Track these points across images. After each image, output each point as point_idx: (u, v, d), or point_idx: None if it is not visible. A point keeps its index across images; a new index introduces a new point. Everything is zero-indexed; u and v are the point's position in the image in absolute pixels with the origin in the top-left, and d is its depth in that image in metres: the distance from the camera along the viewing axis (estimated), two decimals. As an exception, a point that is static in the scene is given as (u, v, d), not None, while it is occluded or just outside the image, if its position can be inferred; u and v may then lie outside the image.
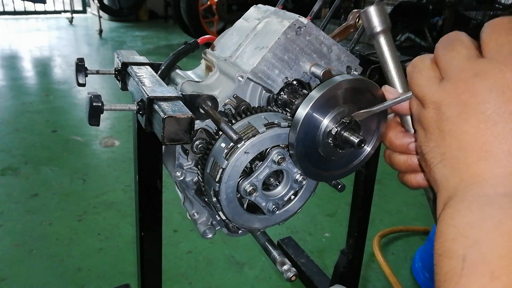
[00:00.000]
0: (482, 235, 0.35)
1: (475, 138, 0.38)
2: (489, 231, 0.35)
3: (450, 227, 0.37)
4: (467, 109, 0.39)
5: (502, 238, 0.34)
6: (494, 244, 0.34)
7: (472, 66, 0.40)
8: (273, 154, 0.62)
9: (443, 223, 0.38)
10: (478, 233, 0.35)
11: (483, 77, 0.38)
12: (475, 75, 0.39)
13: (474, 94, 0.39)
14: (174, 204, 1.98)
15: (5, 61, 4.75)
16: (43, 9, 7.62)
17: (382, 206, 2.24)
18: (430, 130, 0.43)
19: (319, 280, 1.53)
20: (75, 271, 1.67)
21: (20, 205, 2.09)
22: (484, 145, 0.38)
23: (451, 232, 0.37)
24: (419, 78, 0.44)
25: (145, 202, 0.75)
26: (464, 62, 0.41)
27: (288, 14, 0.68)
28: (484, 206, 0.36)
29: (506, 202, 0.36)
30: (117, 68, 0.78)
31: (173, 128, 0.53)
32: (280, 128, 0.62)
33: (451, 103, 0.40)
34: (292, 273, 0.65)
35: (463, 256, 0.35)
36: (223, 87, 0.68)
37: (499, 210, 0.35)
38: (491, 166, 0.38)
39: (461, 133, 0.39)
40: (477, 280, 0.34)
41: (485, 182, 0.38)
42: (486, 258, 0.34)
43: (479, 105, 0.38)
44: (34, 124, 3.06)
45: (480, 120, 0.38)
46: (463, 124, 0.39)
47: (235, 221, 0.67)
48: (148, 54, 5.23)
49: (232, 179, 0.61)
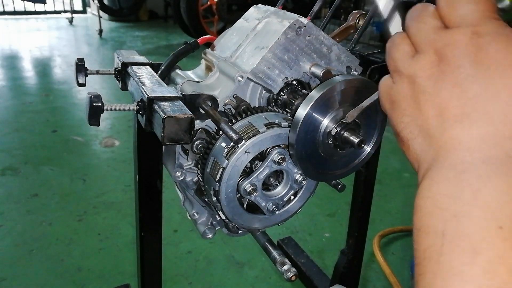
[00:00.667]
0: (461, 207, 0.34)
1: (451, 102, 0.38)
2: (467, 203, 0.34)
3: (427, 199, 0.36)
4: (441, 77, 0.39)
5: (481, 209, 0.33)
6: (473, 217, 0.33)
7: (441, 38, 0.40)
8: (274, 154, 0.62)
9: (420, 196, 0.37)
10: (456, 205, 0.34)
11: (453, 46, 0.38)
12: (446, 46, 0.39)
13: (447, 63, 0.39)
14: (174, 204, 1.98)
15: (5, 61, 4.75)
16: (43, 9, 7.62)
17: (382, 206, 2.24)
18: (404, 105, 0.43)
19: (319, 280, 1.53)
20: (75, 271, 1.67)
21: (20, 205, 2.09)
22: (460, 108, 0.37)
23: (428, 205, 0.36)
24: (395, 53, 0.44)
25: (145, 202, 0.75)
26: (432, 34, 0.41)
27: (288, 14, 0.68)
28: (462, 174, 0.35)
29: (484, 169, 0.35)
30: (117, 68, 0.78)
31: (173, 128, 0.53)
32: (280, 128, 0.62)
33: (425, 75, 0.40)
34: (292, 273, 0.66)
35: (442, 232, 0.34)
36: (223, 87, 0.68)
37: (477, 178, 0.34)
38: (467, 128, 0.37)
39: (437, 101, 0.39)
40: (458, 257, 0.32)
41: (462, 146, 0.37)
42: (466, 232, 0.33)
43: (453, 72, 0.38)
44: (34, 124, 3.06)
45: (454, 84, 0.38)
46: (439, 92, 0.39)
47: (235, 221, 0.67)
48: (148, 54, 5.23)
49: (232, 179, 0.62)
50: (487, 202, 0.33)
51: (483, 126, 0.36)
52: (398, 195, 2.36)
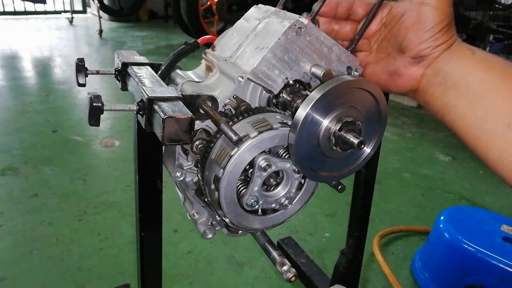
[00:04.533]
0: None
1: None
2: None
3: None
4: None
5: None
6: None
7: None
8: (260, 161, 0.61)
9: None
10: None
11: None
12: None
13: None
14: (174, 204, 1.98)
15: (5, 61, 4.75)
16: (43, 9, 7.62)
17: (382, 206, 2.24)
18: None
19: (319, 280, 1.53)
20: (75, 271, 1.67)
21: (20, 205, 2.09)
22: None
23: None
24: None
25: (145, 202, 0.75)
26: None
27: (288, 14, 0.68)
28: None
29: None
30: (117, 68, 0.78)
31: (173, 128, 0.53)
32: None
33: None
34: (291, 274, 0.66)
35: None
36: (223, 87, 0.68)
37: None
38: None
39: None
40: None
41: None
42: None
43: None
44: (34, 124, 3.06)
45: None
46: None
47: (230, 211, 0.66)
48: (148, 54, 5.23)
49: (238, 167, 0.61)
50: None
51: None
52: (398, 195, 2.37)
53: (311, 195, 0.72)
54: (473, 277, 1.54)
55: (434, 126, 3.40)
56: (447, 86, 0.60)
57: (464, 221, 1.66)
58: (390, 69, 0.66)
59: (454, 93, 0.59)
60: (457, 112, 0.60)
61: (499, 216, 1.71)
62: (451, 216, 1.69)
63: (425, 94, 0.64)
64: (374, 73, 0.69)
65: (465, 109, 0.59)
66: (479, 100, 0.57)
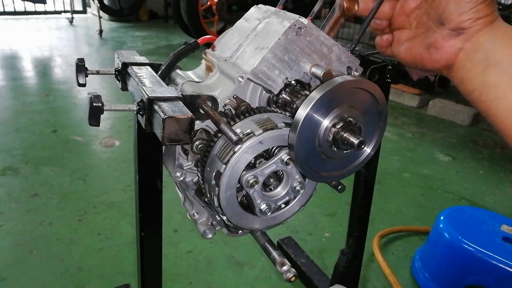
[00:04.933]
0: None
1: None
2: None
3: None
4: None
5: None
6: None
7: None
8: (283, 154, 0.62)
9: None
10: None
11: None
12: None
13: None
14: (174, 204, 1.98)
15: (5, 61, 4.75)
16: (43, 10, 7.61)
17: (382, 206, 2.24)
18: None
19: (319, 280, 1.53)
20: (75, 271, 1.67)
21: (20, 205, 2.09)
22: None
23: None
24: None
25: (145, 202, 0.75)
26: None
27: (288, 14, 0.68)
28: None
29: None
30: (117, 68, 0.78)
31: (173, 128, 0.53)
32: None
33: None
34: (291, 274, 0.66)
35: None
36: (223, 87, 0.68)
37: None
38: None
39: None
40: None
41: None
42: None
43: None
44: (34, 124, 3.06)
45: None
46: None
47: (228, 207, 0.67)
48: (148, 54, 5.23)
49: (239, 165, 0.61)
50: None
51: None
52: (398, 195, 2.37)
53: (310, 196, 0.72)
54: (473, 277, 1.54)
55: (434, 126, 3.40)
56: (488, 64, 0.58)
57: (464, 221, 1.66)
58: (428, 42, 0.64)
59: (495, 72, 0.57)
60: (497, 92, 0.57)
61: (499, 216, 1.72)
62: (451, 216, 1.69)
63: (462, 70, 0.61)
64: (411, 48, 0.67)
65: (507, 89, 0.56)
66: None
